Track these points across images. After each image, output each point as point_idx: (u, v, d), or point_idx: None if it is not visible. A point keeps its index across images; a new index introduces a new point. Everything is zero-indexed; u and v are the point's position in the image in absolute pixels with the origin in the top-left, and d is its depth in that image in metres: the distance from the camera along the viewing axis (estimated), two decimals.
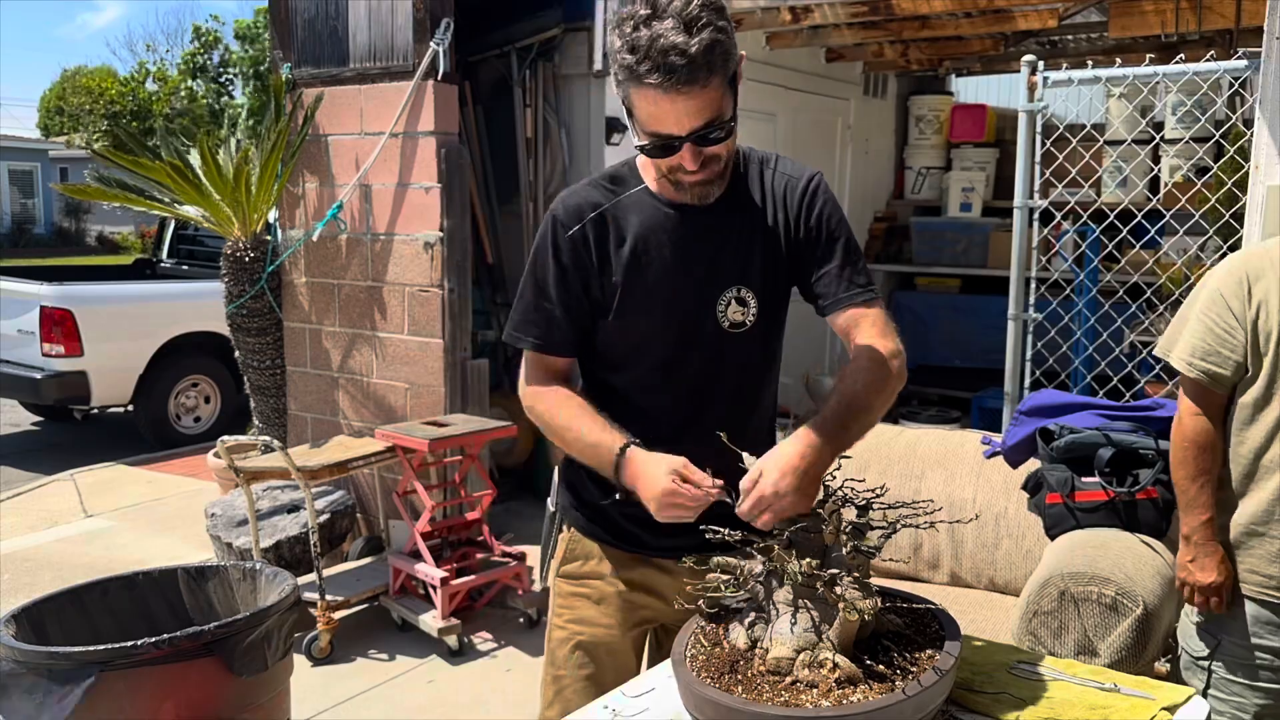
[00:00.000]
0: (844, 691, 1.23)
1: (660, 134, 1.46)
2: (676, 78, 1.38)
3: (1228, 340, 1.95)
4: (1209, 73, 3.02)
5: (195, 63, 19.46)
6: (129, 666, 2.14)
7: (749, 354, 1.67)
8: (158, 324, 6.85)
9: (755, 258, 1.63)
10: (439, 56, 4.08)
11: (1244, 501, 1.99)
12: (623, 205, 1.63)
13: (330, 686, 3.40)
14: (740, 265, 1.62)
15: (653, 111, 1.44)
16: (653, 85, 1.40)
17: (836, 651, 1.27)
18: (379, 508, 4.44)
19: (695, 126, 1.44)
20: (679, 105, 1.42)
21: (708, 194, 1.57)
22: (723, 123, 1.47)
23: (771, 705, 1.21)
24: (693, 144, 1.46)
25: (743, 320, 1.62)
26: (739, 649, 1.34)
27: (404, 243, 4.28)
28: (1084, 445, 2.54)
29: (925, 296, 6.77)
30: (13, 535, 4.95)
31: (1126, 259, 4.50)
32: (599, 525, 1.75)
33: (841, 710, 1.19)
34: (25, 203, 26.92)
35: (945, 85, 7.29)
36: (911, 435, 3.20)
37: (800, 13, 4.58)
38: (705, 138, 1.47)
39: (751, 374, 1.70)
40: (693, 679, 1.27)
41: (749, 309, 1.62)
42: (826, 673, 1.25)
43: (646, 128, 1.47)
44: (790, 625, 1.30)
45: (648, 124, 1.46)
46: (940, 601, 1.43)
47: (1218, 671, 2.04)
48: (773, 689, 1.25)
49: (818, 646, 1.28)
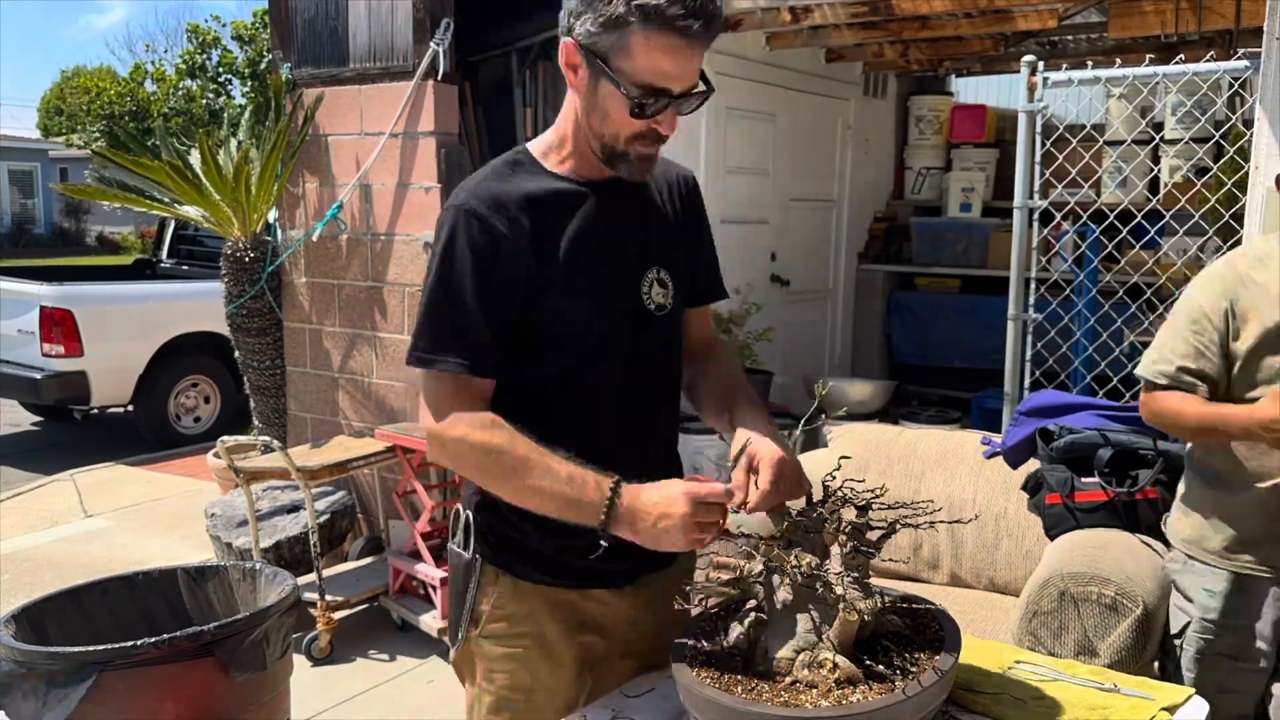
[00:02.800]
0: (844, 692, 1.23)
1: (657, 88, 1.37)
2: (704, 22, 1.34)
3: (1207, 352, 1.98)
4: (1209, 73, 3.02)
5: (194, 62, 19.43)
6: (129, 666, 2.14)
7: (671, 336, 1.61)
8: (157, 324, 6.85)
9: (663, 240, 1.59)
10: (439, 56, 4.08)
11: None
12: (536, 189, 1.48)
13: (330, 686, 3.40)
14: (655, 246, 1.57)
15: (661, 64, 1.36)
16: (682, 30, 1.33)
17: (836, 652, 1.27)
18: (379, 508, 4.44)
19: (689, 85, 1.40)
20: (691, 60, 1.37)
21: (648, 169, 1.49)
22: (703, 91, 1.43)
23: (771, 705, 1.22)
24: (677, 106, 1.41)
25: (664, 302, 1.57)
26: (738, 649, 1.34)
27: (404, 243, 4.28)
28: (1083, 446, 2.55)
29: (925, 296, 6.76)
30: (13, 535, 4.94)
31: (1126, 259, 4.49)
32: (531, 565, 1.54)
33: (841, 710, 1.19)
34: (25, 203, 26.93)
35: (945, 85, 7.28)
36: (911, 435, 3.20)
37: (800, 13, 4.58)
38: (690, 101, 1.42)
39: (674, 357, 1.64)
40: (693, 679, 1.27)
41: (668, 290, 1.58)
42: (826, 673, 1.25)
43: (639, 79, 1.36)
44: (790, 625, 1.30)
45: (643, 75, 1.36)
46: (940, 601, 1.43)
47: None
48: (772, 689, 1.25)
49: (817, 647, 1.28)
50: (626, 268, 1.53)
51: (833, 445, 3.24)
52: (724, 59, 4.93)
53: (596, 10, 1.35)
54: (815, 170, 6.09)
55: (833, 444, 3.24)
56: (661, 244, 1.59)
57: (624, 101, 1.38)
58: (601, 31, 1.35)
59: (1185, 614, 2.12)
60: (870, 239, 6.90)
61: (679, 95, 1.39)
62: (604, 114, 1.42)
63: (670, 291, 1.58)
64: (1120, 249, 4.15)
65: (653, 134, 1.44)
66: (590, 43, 1.37)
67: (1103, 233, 3.94)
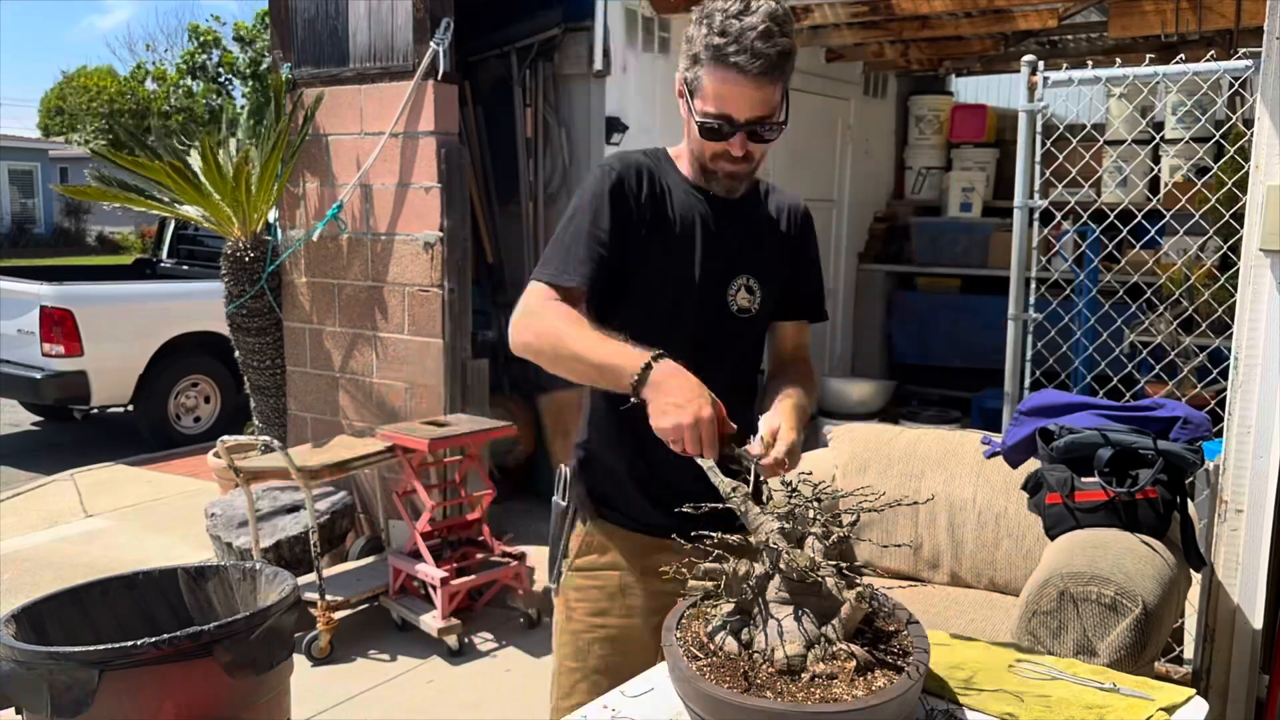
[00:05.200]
0: (868, 679, 1.23)
1: (723, 115, 1.60)
2: (762, 63, 1.55)
3: None
4: (1209, 73, 3.01)
5: (194, 62, 19.43)
6: (129, 666, 2.14)
7: (748, 339, 1.81)
8: (158, 324, 6.85)
9: (765, 255, 1.79)
10: (439, 56, 4.08)
11: None
12: (665, 176, 1.75)
13: (330, 686, 3.40)
14: (753, 257, 1.77)
15: (725, 93, 1.58)
16: (737, 67, 1.55)
17: (848, 642, 1.27)
18: (379, 508, 4.44)
19: (754, 116, 1.60)
20: (749, 93, 1.57)
21: (735, 188, 1.72)
22: (776, 122, 1.63)
23: (821, 703, 1.20)
24: (745, 133, 1.61)
25: (749, 307, 1.77)
26: (733, 654, 1.31)
27: (404, 243, 4.28)
28: (1083, 445, 2.54)
29: (925, 296, 6.76)
30: (13, 535, 4.95)
31: (1126, 259, 4.50)
32: (618, 510, 1.80)
33: (888, 694, 1.20)
34: (25, 203, 26.92)
35: (945, 85, 7.28)
36: (911, 435, 3.19)
37: (800, 13, 4.58)
38: (759, 130, 1.62)
39: (748, 359, 1.83)
40: (723, 692, 1.22)
41: (755, 297, 1.77)
42: (842, 663, 1.25)
43: (710, 108, 1.60)
44: (795, 623, 1.29)
45: (713, 104, 1.60)
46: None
47: None
48: (800, 687, 1.23)
49: (824, 640, 1.27)
50: (718, 267, 1.74)
51: (833, 445, 3.24)
52: None
53: (688, 50, 1.63)
54: (815, 170, 6.09)
55: (833, 444, 3.24)
56: (759, 256, 1.78)
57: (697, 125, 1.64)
58: (690, 65, 1.63)
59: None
60: (870, 239, 6.90)
61: (744, 124, 1.60)
62: (692, 135, 1.69)
63: (758, 299, 1.77)
64: (1120, 249, 4.15)
65: (727, 155, 1.65)
66: (684, 75, 1.64)
67: (1103, 232, 3.94)
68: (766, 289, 1.78)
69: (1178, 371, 3.69)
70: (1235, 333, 2.55)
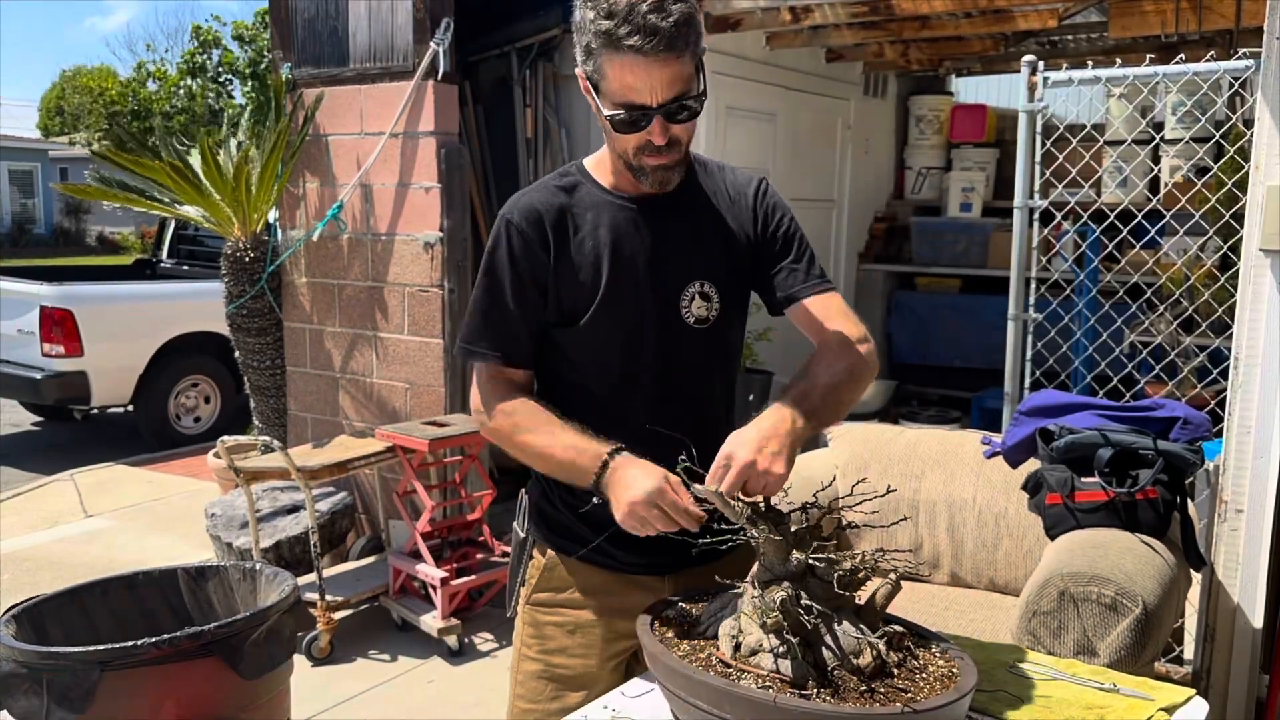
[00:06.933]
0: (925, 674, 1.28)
1: (633, 104, 1.45)
2: (657, 40, 1.39)
3: None
4: (1209, 73, 3.01)
5: (195, 62, 19.43)
6: (129, 666, 2.13)
7: (713, 349, 1.65)
8: (158, 324, 6.85)
9: (716, 253, 1.63)
10: (439, 56, 4.08)
11: None
12: (580, 204, 1.59)
13: (330, 686, 3.40)
14: (703, 260, 1.62)
15: (627, 80, 1.43)
16: (633, 49, 1.40)
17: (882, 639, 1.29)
18: (379, 508, 4.44)
19: (667, 98, 1.44)
20: (654, 73, 1.42)
21: (669, 179, 1.55)
22: (693, 96, 1.46)
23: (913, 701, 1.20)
24: (662, 118, 1.46)
25: (706, 316, 1.61)
26: (803, 676, 1.25)
27: (404, 243, 4.28)
28: (1083, 445, 2.54)
29: (925, 296, 6.76)
30: (13, 535, 4.95)
31: (1126, 259, 4.50)
32: (577, 543, 1.65)
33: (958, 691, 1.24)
34: (25, 203, 26.93)
35: (945, 85, 7.28)
36: (911, 435, 3.20)
37: (800, 13, 4.58)
38: (675, 112, 1.46)
39: (718, 370, 1.68)
40: (797, 700, 1.19)
41: (713, 304, 1.61)
42: (895, 657, 1.29)
43: (617, 99, 1.45)
44: (845, 625, 1.29)
45: (620, 95, 1.45)
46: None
47: None
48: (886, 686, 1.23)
49: (862, 642, 1.27)
50: (665, 282, 1.59)
51: (833, 445, 3.24)
52: (724, 59, 4.93)
53: (580, 44, 1.48)
54: (815, 170, 6.09)
55: (833, 444, 3.24)
56: (709, 255, 1.62)
57: (609, 122, 1.48)
58: (585, 58, 1.48)
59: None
60: (870, 239, 6.89)
61: (658, 108, 1.44)
62: (609, 133, 1.53)
63: (715, 305, 1.62)
64: (1120, 249, 4.15)
65: (649, 146, 1.49)
66: (584, 72, 1.50)
67: (1103, 233, 3.94)
68: (725, 292, 1.63)
69: (1178, 372, 3.70)
70: (1235, 333, 2.55)
